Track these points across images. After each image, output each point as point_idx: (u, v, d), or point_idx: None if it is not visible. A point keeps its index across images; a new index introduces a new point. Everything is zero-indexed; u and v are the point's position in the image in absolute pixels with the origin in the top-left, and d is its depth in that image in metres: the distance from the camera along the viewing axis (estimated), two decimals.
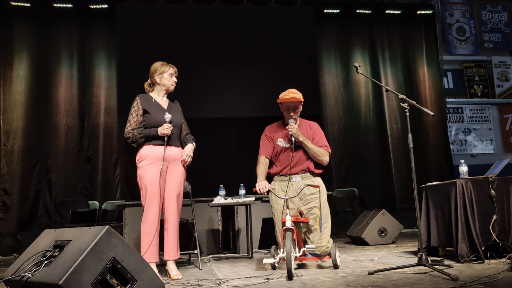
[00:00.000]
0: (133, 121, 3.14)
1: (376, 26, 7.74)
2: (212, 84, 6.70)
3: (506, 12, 8.49)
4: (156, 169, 3.06)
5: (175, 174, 3.15)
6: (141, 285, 2.12)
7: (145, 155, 3.10)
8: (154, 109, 3.15)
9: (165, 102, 3.26)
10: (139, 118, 3.14)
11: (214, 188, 4.61)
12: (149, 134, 3.08)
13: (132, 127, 3.12)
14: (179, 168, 3.18)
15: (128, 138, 3.14)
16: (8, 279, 2.23)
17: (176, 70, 3.30)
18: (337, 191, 6.87)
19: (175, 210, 3.13)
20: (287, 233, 2.77)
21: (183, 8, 6.93)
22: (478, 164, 7.61)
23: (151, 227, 3.01)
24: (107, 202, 6.35)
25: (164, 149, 3.06)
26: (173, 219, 3.12)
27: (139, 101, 3.17)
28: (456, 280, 2.33)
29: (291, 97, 3.20)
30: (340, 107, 7.41)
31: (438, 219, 3.39)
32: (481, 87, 8.19)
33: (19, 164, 6.30)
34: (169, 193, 3.13)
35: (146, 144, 3.11)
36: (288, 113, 3.25)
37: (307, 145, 3.20)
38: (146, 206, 3.05)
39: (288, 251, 2.67)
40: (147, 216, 3.03)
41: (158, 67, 3.24)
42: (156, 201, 3.05)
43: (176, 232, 3.14)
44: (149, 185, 3.04)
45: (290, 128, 3.16)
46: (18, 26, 6.64)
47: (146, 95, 3.25)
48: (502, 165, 3.30)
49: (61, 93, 6.64)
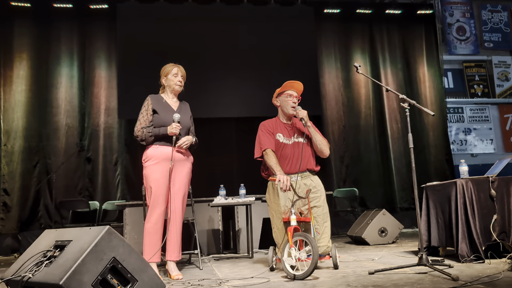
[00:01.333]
0: (143, 120, 3.15)
1: (376, 26, 7.74)
2: (212, 84, 6.70)
3: (506, 11, 8.49)
4: (162, 169, 3.07)
5: (181, 175, 3.15)
6: (141, 285, 2.12)
7: (151, 155, 3.11)
8: (163, 109, 3.17)
9: (175, 104, 3.27)
10: (149, 117, 3.15)
11: (214, 188, 4.62)
12: (158, 133, 3.09)
13: (142, 125, 3.13)
14: (185, 169, 3.19)
15: (137, 137, 3.15)
16: (9, 279, 2.23)
17: (182, 69, 3.29)
18: (337, 191, 6.87)
19: (179, 210, 3.13)
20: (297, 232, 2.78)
21: (183, 8, 6.92)
22: (478, 164, 7.61)
23: (153, 226, 3.02)
24: (107, 202, 6.35)
25: (172, 149, 3.07)
26: (177, 219, 3.12)
27: (149, 101, 3.20)
28: (457, 280, 2.33)
29: (297, 82, 3.20)
30: (340, 107, 7.41)
31: (439, 219, 3.39)
32: (481, 86, 8.19)
33: (20, 164, 6.30)
34: (174, 193, 3.13)
35: (153, 144, 3.12)
36: (292, 100, 3.22)
37: (315, 132, 3.14)
38: (151, 205, 3.06)
39: (314, 246, 2.63)
40: (151, 216, 3.04)
41: (164, 69, 3.27)
42: (161, 201, 3.06)
43: (179, 233, 3.15)
44: (155, 185, 3.05)
45: (300, 113, 3.11)
46: (18, 26, 6.64)
47: (158, 95, 3.27)
48: (502, 164, 3.30)
49: (61, 93, 6.65)
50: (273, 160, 3.09)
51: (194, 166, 3.31)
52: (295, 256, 2.71)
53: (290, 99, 3.23)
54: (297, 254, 2.71)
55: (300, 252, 2.72)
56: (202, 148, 6.67)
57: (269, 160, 3.12)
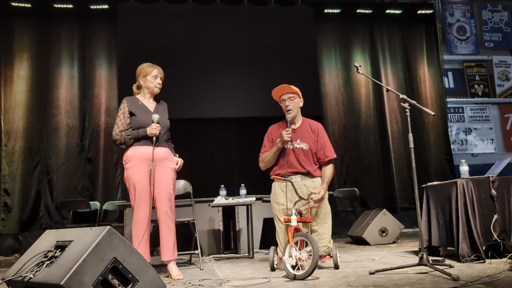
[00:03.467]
0: (120, 123, 3.13)
1: (376, 26, 7.74)
2: (212, 84, 6.70)
3: (507, 11, 8.49)
4: (144, 169, 3.04)
5: (164, 173, 3.12)
6: (142, 285, 2.13)
7: (131, 156, 3.09)
8: (140, 111, 3.14)
9: (152, 105, 3.24)
10: (127, 120, 3.14)
11: (215, 188, 4.62)
12: (137, 135, 3.08)
13: (119, 129, 3.12)
14: (168, 167, 3.15)
15: (116, 141, 3.13)
16: (10, 279, 2.23)
17: (161, 71, 3.26)
18: (338, 191, 6.87)
19: (167, 209, 3.10)
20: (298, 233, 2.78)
21: (183, 9, 6.93)
22: (479, 164, 7.60)
23: (141, 228, 3.01)
24: (108, 203, 6.36)
25: (152, 150, 3.05)
26: (166, 219, 3.09)
27: (125, 103, 3.18)
28: (457, 280, 2.33)
29: (280, 86, 3.23)
30: (341, 107, 7.41)
31: (439, 219, 3.39)
32: (481, 86, 8.19)
33: (20, 164, 6.31)
34: (160, 193, 3.10)
35: (132, 146, 3.10)
36: (284, 105, 3.24)
37: (326, 182, 3.18)
38: (136, 207, 3.05)
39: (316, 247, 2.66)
40: (138, 217, 3.03)
41: (142, 70, 3.22)
42: (145, 201, 3.04)
43: (171, 232, 3.11)
44: (138, 186, 3.03)
45: (285, 136, 3.11)
46: (18, 26, 6.64)
47: (133, 97, 3.25)
48: (503, 164, 3.30)
49: (62, 93, 6.65)
50: (269, 151, 3.23)
51: (194, 166, 3.31)
52: (296, 256, 2.71)
53: (283, 104, 3.27)
54: (297, 254, 2.72)
55: (301, 252, 2.72)
56: (202, 148, 6.74)
57: (266, 155, 3.25)
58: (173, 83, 5.73)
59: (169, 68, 3.53)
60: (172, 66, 6.34)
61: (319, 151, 3.24)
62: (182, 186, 4.00)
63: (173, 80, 5.36)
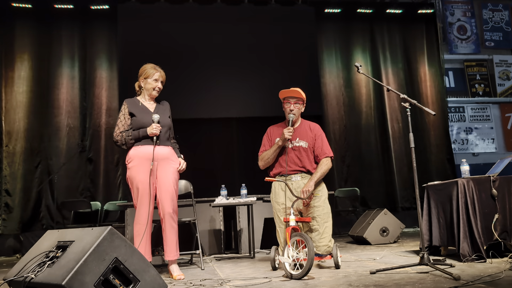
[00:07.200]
0: (121, 124, 3.15)
1: (377, 25, 7.73)
2: (212, 84, 6.71)
3: (507, 10, 8.48)
4: (145, 169, 3.05)
5: (166, 173, 3.13)
6: (143, 285, 2.13)
7: (133, 155, 3.10)
8: (141, 112, 3.16)
9: (152, 105, 3.26)
10: (127, 121, 3.16)
11: (215, 188, 4.62)
12: (138, 135, 3.09)
13: (120, 130, 3.14)
14: (170, 166, 3.16)
15: (116, 142, 3.14)
16: (11, 279, 2.24)
17: (163, 74, 3.26)
18: (339, 190, 6.88)
19: (171, 210, 3.11)
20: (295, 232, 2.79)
21: (184, 9, 6.93)
22: (479, 163, 7.60)
23: (142, 227, 3.02)
24: (109, 203, 6.36)
25: (153, 149, 3.06)
26: (170, 219, 3.10)
27: (126, 105, 3.20)
28: (458, 280, 2.33)
29: (291, 89, 3.24)
30: (341, 106, 7.41)
31: (440, 219, 3.39)
32: (482, 86, 8.18)
33: (21, 165, 6.31)
34: (162, 192, 3.10)
35: (135, 145, 3.11)
36: (288, 107, 3.25)
37: (317, 176, 3.17)
38: (138, 206, 3.05)
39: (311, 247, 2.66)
40: (139, 217, 3.03)
41: (145, 71, 3.23)
42: (148, 201, 3.04)
43: (173, 232, 3.12)
44: (141, 186, 3.04)
45: (287, 134, 3.14)
46: (19, 27, 6.65)
47: (134, 99, 3.26)
48: (503, 164, 3.30)
49: (62, 94, 6.65)
50: (268, 150, 3.25)
51: (195, 166, 3.31)
52: (293, 256, 2.73)
53: (287, 106, 3.28)
54: (294, 254, 2.74)
55: (298, 251, 2.73)
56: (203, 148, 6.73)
57: (265, 153, 3.27)
58: (173, 83, 5.72)
59: (169, 68, 3.53)
60: (173, 66, 6.32)
61: (317, 149, 3.27)
62: (183, 186, 4.01)
63: (173, 80, 5.35)
